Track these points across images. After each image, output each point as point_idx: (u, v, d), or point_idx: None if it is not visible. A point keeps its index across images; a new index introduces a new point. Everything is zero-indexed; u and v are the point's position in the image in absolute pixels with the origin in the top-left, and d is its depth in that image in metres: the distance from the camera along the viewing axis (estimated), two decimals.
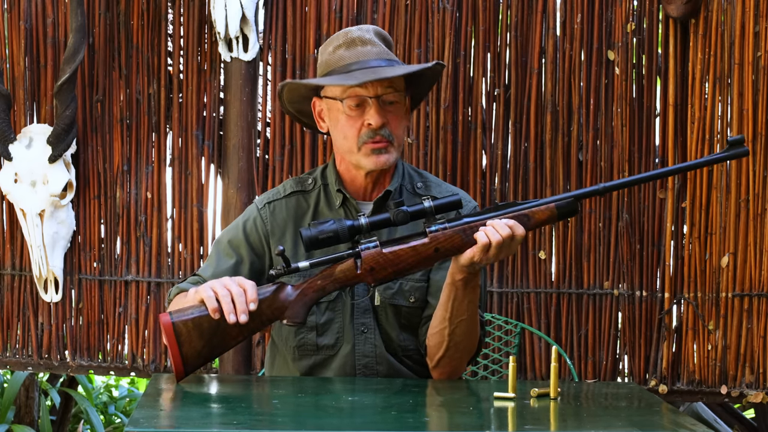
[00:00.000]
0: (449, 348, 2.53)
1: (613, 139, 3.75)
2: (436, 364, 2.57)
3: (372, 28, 2.62)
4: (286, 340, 2.64)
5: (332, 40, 2.61)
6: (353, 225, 2.39)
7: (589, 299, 3.79)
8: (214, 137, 3.86)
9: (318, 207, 2.65)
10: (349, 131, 2.55)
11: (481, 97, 3.78)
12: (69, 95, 3.72)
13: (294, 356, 2.64)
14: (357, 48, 2.56)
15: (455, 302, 2.48)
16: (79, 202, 3.88)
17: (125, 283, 3.89)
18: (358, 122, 2.54)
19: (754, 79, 3.66)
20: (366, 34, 2.58)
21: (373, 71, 2.52)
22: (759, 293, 3.67)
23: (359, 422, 2.08)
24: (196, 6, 3.83)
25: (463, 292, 2.47)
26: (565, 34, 3.77)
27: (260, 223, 2.65)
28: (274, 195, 2.69)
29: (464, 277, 2.44)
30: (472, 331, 2.53)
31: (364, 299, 2.59)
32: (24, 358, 3.94)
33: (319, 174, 2.69)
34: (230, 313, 2.33)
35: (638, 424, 2.10)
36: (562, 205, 2.41)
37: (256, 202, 2.70)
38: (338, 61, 2.57)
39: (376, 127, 2.53)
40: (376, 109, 2.52)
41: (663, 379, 3.75)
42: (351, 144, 2.56)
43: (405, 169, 2.70)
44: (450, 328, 2.51)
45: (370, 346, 2.59)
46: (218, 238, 2.69)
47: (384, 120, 2.53)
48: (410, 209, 2.40)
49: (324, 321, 2.60)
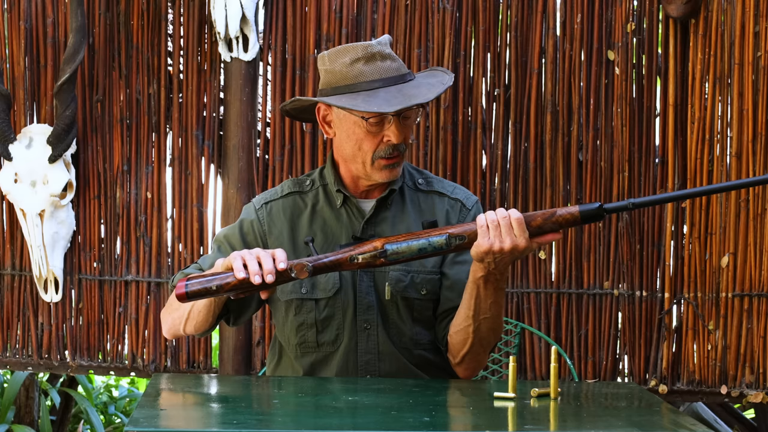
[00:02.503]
0: (474, 345, 2.56)
1: (613, 139, 3.75)
2: (461, 361, 2.60)
3: (387, 39, 2.61)
4: (289, 339, 2.65)
5: (347, 50, 2.55)
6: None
7: (589, 299, 3.79)
8: (214, 137, 3.86)
9: (317, 206, 2.65)
10: (367, 145, 2.55)
11: (481, 97, 3.78)
12: (69, 95, 3.72)
13: (296, 354, 2.65)
14: (377, 63, 2.54)
15: (478, 300, 2.50)
16: (79, 202, 3.88)
17: (125, 283, 3.89)
18: (377, 138, 2.54)
19: (754, 79, 3.66)
20: (385, 48, 2.56)
21: (403, 94, 2.51)
22: (759, 293, 3.67)
23: (359, 422, 2.08)
24: (196, 6, 3.83)
25: (485, 292, 2.49)
26: (565, 34, 3.77)
27: (257, 224, 2.66)
28: (272, 195, 2.70)
29: (483, 275, 2.46)
30: (496, 328, 2.57)
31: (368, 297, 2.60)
32: (24, 358, 3.94)
33: (317, 175, 2.70)
34: (255, 275, 2.35)
35: (638, 424, 2.10)
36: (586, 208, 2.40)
37: (254, 202, 2.71)
38: (358, 76, 2.54)
39: (395, 143, 2.54)
40: (397, 126, 2.52)
41: (663, 379, 3.75)
42: (365, 157, 2.56)
43: (405, 167, 2.70)
44: (474, 325, 2.53)
45: (373, 343, 2.60)
46: (217, 234, 2.71)
47: (404, 135, 2.55)
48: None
49: (323, 317, 2.61)
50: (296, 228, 2.64)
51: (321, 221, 2.64)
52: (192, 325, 2.57)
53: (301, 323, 2.62)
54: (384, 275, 2.59)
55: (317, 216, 2.64)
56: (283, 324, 2.66)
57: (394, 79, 2.54)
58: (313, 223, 2.63)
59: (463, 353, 2.58)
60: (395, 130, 2.52)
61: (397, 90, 2.52)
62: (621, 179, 3.75)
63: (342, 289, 2.60)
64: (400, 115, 2.52)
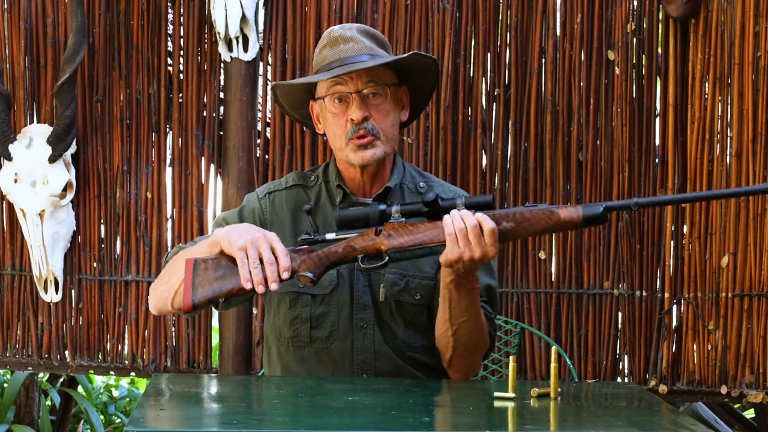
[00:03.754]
0: (457, 348, 2.54)
1: (613, 139, 3.75)
2: (449, 365, 2.59)
3: (356, 26, 2.64)
4: (280, 332, 2.64)
5: (321, 40, 2.64)
6: (384, 210, 2.41)
7: (589, 299, 3.79)
8: (214, 137, 3.86)
9: (319, 202, 2.66)
10: (336, 128, 2.58)
11: (481, 97, 3.78)
12: (69, 95, 3.72)
13: (288, 348, 2.64)
14: (339, 46, 2.59)
15: (452, 304, 2.48)
16: (79, 202, 3.88)
17: (125, 283, 3.89)
18: (343, 119, 2.57)
19: (754, 79, 3.66)
20: (348, 31, 2.60)
21: (348, 67, 2.54)
22: (759, 293, 3.67)
23: (359, 422, 2.08)
24: (196, 6, 3.83)
25: (458, 294, 2.46)
26: (565, 34, 3.77)
27: (258, 212, 2.67)
28: (276, 186, 2.71)
29: (453, 279, 2.43)
30: (477, 330, 2.53)
31: (365, 296, 2.60)
32: (24, 358, 3.94)
33: (321, 171, 2.71)
34: (260, 284, 2.34)
35: (638, 424, 2.10)
36: (588, 211, 2.36)
37: (258, 191, 2.72)
38: (322, 60, 2.61)
39: (357, 122, 2.54)
40: (357, 104, 2.55)
41: (663, 379, 3.75)
42: (340, 141, 2.58)
43: (407, 168, 2.70)
44: (452, 329, 2.51)
45: (369, 342, 2.59)
46: (217, 217, 2.72)
47: (365, 114, 2.55)
48: (443, 203, 2.40)
49: (318, 313, 2.60)
50: (298, 220, 2.65)
51: (323, 216, 2.64)
52: (179, 300, 2.47)
53: (296, 317, 2.61)
54: (379, 276, 2.59)
55: (319, 211, 2.65)
56: (275, 316, 2.65)
57: (349, 59, 2.56)
58: (315, 218, 2.63)
59: (448, 357, 2.57)
60: (355, 108, 2.54)
61: (347, 67, 2.54)
62: (621, 179, 3.75)
63: (339, 286, 2.60)
64: (360, 93, 2.54)
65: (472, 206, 2.39)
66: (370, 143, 2.56)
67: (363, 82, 2.56)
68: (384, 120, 2.57)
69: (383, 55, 2.60)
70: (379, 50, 2.60)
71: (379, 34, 2.65)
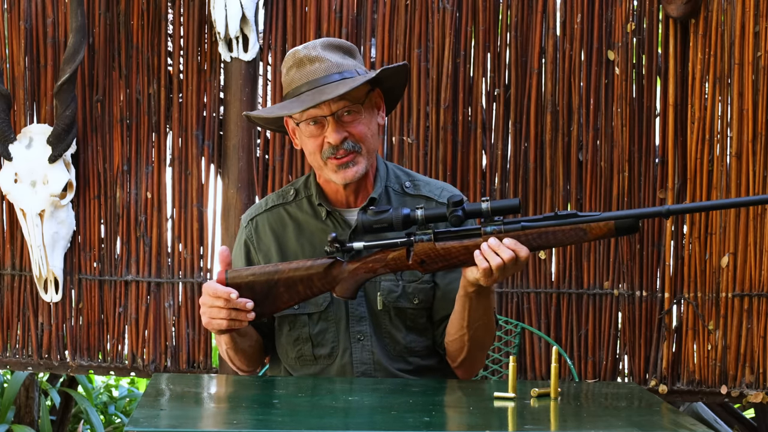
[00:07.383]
0: (471, 349, 2.57)
1: (613, 139, 3.75)
2: (459, 365, 2.62)
3: (319, 42, 2.58)
4: (287, 353, 2.66)
5: (286, 60, 2.59)
6: (408, 215, 2.40)
7: (589, 299, 3.79)
8: (214, 137, 3.86)
9: (302, 218, 2.64)
10: (312, 147, 2.56)
11: (481, 97, 3.78)
12: (69, 95, 3.72)
13: (294, 367, 2.65)
14: (306, 67, 2.54)
15: (470, 311, 2.50)
16: (79, 202, 3.88)
17: (125, 283, 3.89)
18: (319, 140, 2.54)
19: (754, 79, 3.66)
20: (312, 51, 2.55)
21: (317, 93, 2.49)
22: (759, 293, 3.67)
23: (359, 422, 2.08)
24: (196, 6, 3.83)
25: (477, 302, 2.49)
26: (565, 34, 3.77)
27: (247, 242, 2.68)
28: (256, 210, 2.71)
29: (476, 290, 2.45)
30: (489, 328, 2.57)
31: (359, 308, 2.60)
32: (24, 358, 3.94)
33: (302, 185, 2.69)
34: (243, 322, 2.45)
35: (638, 424, 2.10)
36: (621, 222, 2.35)
37: (243, 217, 2.74)
38: (290, 83, 2.56)
39: (335, 144, 2.52)
40: (333, 127, 2.52)
41: (663, 379, 3.75)
42: (318, 161, 2.57)
43: (390, 169, 2.68)
44: (469, 334, 2.54)
45: (368, 353, 2.60)
46: None
47: (343, 135, 2.52)
48: (468, 208, 2.39)
49: (317, 331, 2.61)
50: (283, 241, 2.64)
51: (308, 233, 2.63)
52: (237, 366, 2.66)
53: (297, 338, 2.63)
54: (375, 285, 2.59)
55: (304, 228, 2.64)
56: (279, 338, 2.67)
57: (318, 81, 2.52)
58: (300, 235, 2.63)
59: (461, 359, 2.60)
60: (331, 131, 2.51)
61: (317, 92, 2.50)
62: (621, 179, 3.75)
63: (333, 302, 2.59)
64: (335, 115, 2.51)
65: (499, 211, 2.38)
66: (352, 161, 2.54)
67: (336, 105, 2.51)
68: (364, 133, 2.55)
69: (351, 68, 2.55)
70: (347, 62, 2.56)
71: (344, 43, 2.61)
